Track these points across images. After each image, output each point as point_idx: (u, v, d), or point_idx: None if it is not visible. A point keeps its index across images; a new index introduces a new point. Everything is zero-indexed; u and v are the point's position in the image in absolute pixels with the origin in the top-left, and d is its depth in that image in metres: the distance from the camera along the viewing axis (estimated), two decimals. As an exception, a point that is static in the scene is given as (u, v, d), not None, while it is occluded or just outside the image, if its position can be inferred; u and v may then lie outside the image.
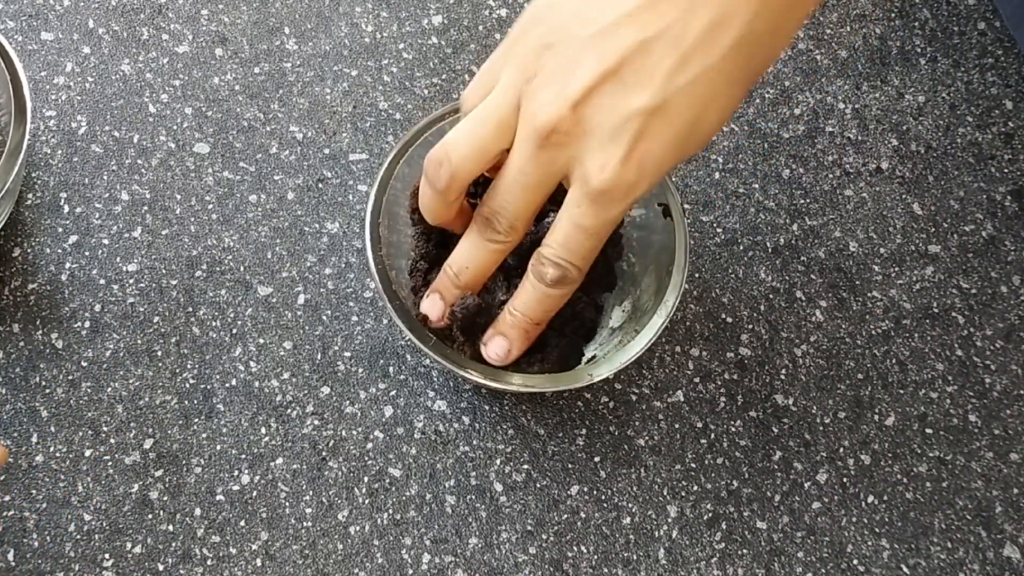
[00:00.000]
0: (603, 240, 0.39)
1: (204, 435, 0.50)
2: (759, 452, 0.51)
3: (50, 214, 0.53)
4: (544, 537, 0.49)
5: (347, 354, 0.51)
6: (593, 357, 0.48)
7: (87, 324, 0.51)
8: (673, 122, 0.35)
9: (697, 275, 0.54)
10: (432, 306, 0.44)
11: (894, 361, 0.53)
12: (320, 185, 0.55)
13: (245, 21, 0.58)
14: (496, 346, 0.43)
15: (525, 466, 0.50)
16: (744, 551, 0.49)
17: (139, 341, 0.51)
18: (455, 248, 0.42)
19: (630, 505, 0.50)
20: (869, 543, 0.50)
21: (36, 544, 0.47)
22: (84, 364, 0.50)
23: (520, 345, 0.43)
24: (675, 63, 0.34)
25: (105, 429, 0.49)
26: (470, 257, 0.41)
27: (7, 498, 0.48)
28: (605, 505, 0.50)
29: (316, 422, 0.50)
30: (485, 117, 0.38)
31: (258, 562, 0.48)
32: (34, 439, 0.49)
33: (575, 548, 0.49)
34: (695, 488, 0.50)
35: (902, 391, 0.52)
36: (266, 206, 0.54)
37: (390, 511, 0.49)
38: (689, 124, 0.36)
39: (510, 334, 0.43)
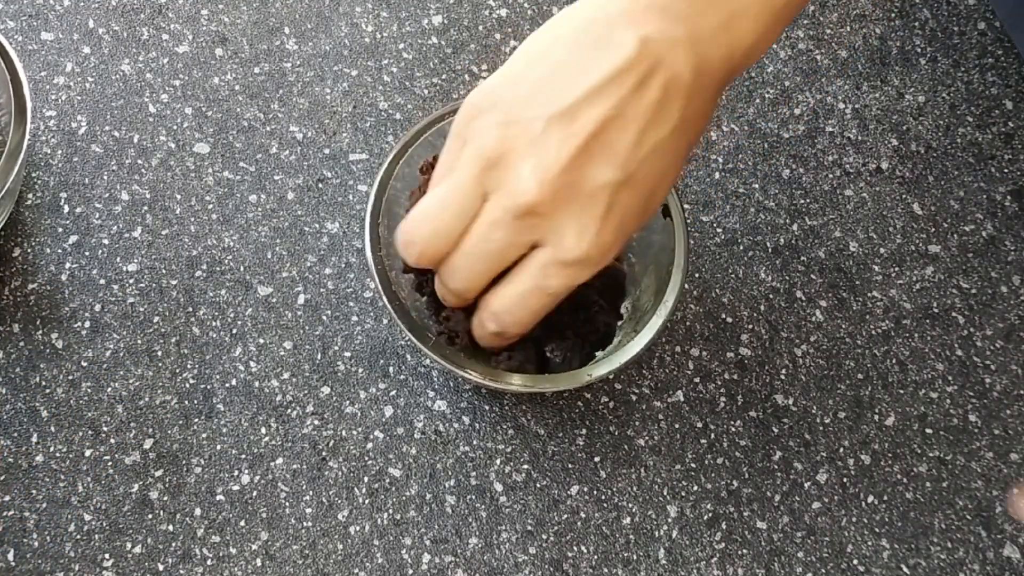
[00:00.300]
0: (551, 306, 0.41)
1: (204, 435, 0.50)
2: (759, 452, 0.51)
3: (50, 214, 0.53)
4: (544, 537, 0.49)
5: (347, 354, 0.52)
6: (592, 357, 0.48)
7: (87, 324, 0.51)
8: (637, 192, 0.39)
9: (697, 275, 0.54)
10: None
11: (894, 361, 0.53)
12: (320, 185, 0.55)
13: (245, 21, 0.58)
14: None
15: (525, 466, 0.50)
16: (744, 551, 0.49)
17: (139, 341, 0.51)
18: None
19: (630, 505, 0.50)
20: (869, 543, 0.50)
21: (36, 544, 0.47)
22: (84, 364, 0.50)
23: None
24: (635, 138, 0.37)
25: (105, 429, 0.49)
26: (441, 294, 0.43)
27: (7, 498, 0.48)
28: (605, 505, 0.50)
29: (316, 422, 0.50)
30: (447, 201, 0.40)
31: (258, 562, 0.48)
32: (34, 439, 0.49)
33: (575, 548, 0.49)
34: (695, 488, 0.50)
35: (902, 391, 0.52)
36: (266, 206, 0.54)
37: (390, 511, 0.49)
38: (649, 192, 0.39)
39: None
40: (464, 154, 0.39)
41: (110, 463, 0.49)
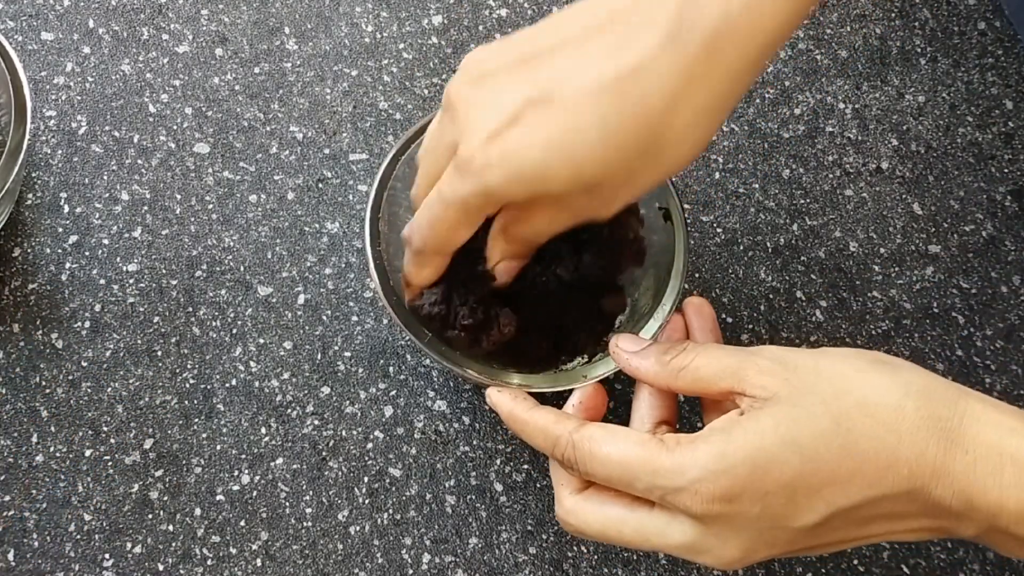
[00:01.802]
0: (454, 222, 0.39)
1: (204, 435, 0.50)
2: (759, 452, 0.51)
3: (50, 214, 0.53)
4: (544, 537, 0.49)
5: (347, 354, 0.52)
6: (589, 360, 0.48)
7: (87, 324, 0.51)
8: (550, 119, 0.35)
9: (697, 275, 0.54)
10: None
11: (894, 361, 0.53)
12: (320, 185, 0.55)
13: (245, 21, 0.58)
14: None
15: (525, 466, 0.50)
16: (744, 551, 0.49)
17: (139, 341, 0.51)
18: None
19: (630, 505, 0.50)
20: (872, 544, 0.50)
21: (36, 544, 0.47)
22: (84, 364, 0.50)
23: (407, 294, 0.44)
24: (570, 66, 0.35)
25: (105, 429, 0.49)
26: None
27: (7, 498, 0.48)
28: (605, 505, 0.50)
29: (316, 422, 0.50)
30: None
31: (258, 562, 0.48)
32: (34, 439, 0.49)
33: (575, 548, 0.49)
34: (695, 488, 0.50)
35: (902, 391, 0.52)
36: (266, 206, 0.54)
37: (390, 511, 0.49)
38: (567, 130, 0.35)
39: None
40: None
41: (110, 463, 0.49)
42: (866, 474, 0.34)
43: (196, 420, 0.50)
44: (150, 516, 0.48)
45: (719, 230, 0.55)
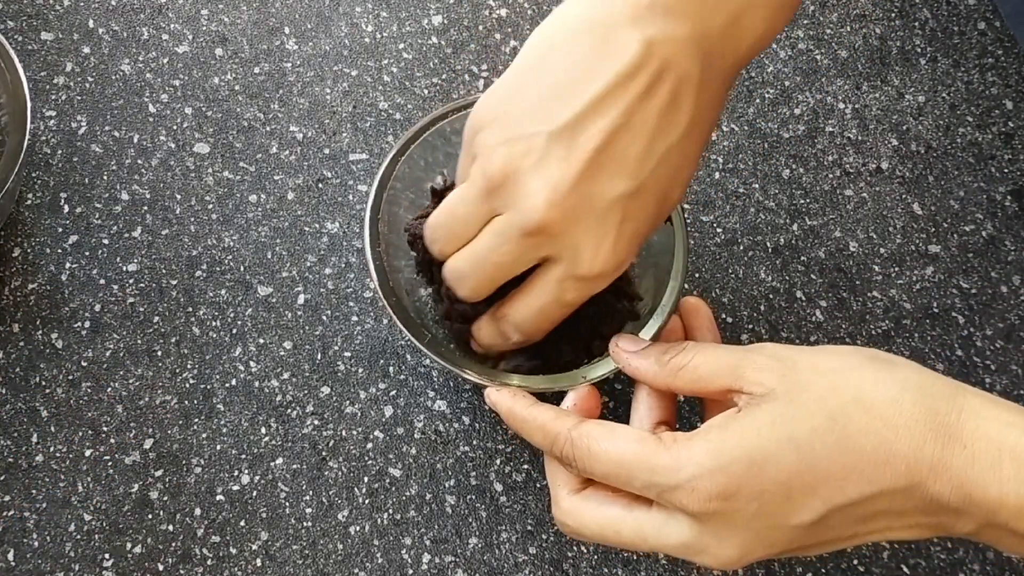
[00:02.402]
0: (567, 313, 0.41)
1: (204, 435, 0.50)
2: (759, 452, 0.51)
3: (50, 214, 0.53)
4: (544, 537, 0.49)
5: (347, 354, 0.52)
6: (588, 360, 0.48)
7: (87, 324, 0.51)
8: (649, 201, 0.38)
9: (697, 275, 0.54)
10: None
11: (894, 361, 0.53)
12: (320, 185, 0.55)
13: (245, 21, 0.58)
14: (474, 345, 0.45)
15: (525, 466, 0.50)
16: (744, 551, 0.49)
17: (139, 341, 0.51)
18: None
19: (630, 505, 0.50)
20: (869, 543, 0.50)
21: (36, 544, 0.47)
22: (84, 364, 0.50)
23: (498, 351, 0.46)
24: (644, 147, 0.37)
25: (105, 429, 0.49)
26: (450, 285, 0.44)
27: (7, 498, 0.48)
28: (605, 505, 0.49)
29: (316, 422, 0.50)
30: (457, 211, 0.40)
31: (258, 562, 0.48)
32: (34, 439, 0.49)
33: (575, 548, 0.49)
34: (695, 488, 0.50)
35: (902, 391, 0.52)
36: (266, 206, 0.54)
37: (390, 511, 0.49)
38: (661, 200, 0.39)
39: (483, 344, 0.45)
40: (473, 169, 0.39)
41: (110, 463, 0.49)
42: (863, 470, 0.34)
43: (196, 420, 0.50)
44: (150, 516, 0.48)
45: (719, 230, 0.55)
